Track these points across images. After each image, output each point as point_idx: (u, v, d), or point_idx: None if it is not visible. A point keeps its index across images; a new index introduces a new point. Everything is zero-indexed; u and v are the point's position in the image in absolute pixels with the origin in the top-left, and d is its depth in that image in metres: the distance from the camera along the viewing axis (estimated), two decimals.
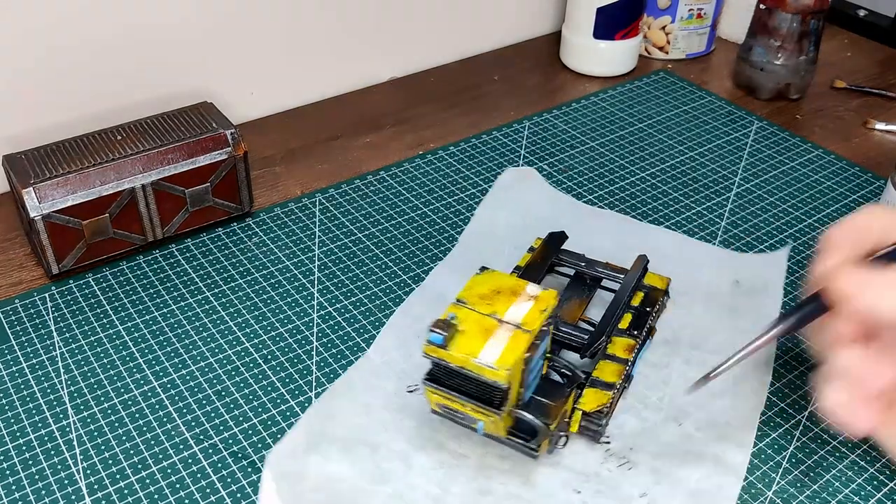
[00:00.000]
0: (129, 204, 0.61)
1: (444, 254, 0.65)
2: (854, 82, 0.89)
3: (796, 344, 0.57)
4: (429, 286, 0.61)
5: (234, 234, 0.67)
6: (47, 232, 0.59)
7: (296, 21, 0.81)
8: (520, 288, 0.48)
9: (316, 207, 0.70)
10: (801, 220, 0.70)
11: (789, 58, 0.83)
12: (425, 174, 0.74)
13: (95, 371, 0.55)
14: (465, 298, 0.47)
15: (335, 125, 0.81)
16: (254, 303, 0.60)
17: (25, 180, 0.58)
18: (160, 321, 0.59)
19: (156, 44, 0.74)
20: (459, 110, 0.84)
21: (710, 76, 0.91)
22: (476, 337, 0.45)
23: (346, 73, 0.87)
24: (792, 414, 0.53)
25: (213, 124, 0.65)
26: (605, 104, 0.85)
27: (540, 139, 0.79)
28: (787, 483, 0.49)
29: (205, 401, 0.53)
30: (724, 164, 0.76)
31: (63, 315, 0.59)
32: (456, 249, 0.65)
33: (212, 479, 0.48)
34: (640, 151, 0.78)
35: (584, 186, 0.73)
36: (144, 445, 0.50)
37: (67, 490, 0.48)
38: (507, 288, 0.48)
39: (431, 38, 0.91)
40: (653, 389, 0.53)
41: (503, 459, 0.49)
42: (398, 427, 0.51)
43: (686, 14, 0.91)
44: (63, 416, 0.52)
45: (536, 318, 0.46)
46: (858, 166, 0.76)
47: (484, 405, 0.45)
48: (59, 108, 0.71)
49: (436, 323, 0.45)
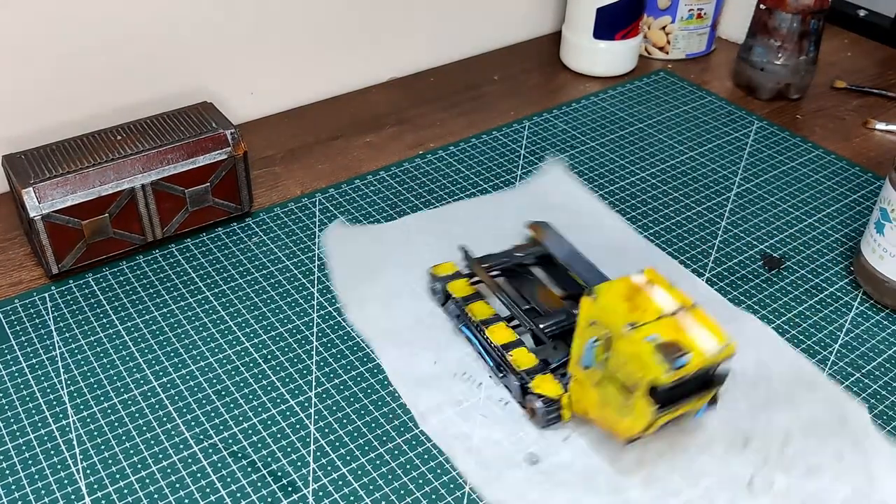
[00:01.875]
0: (129, 204, 0.61)
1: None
2: (854, 82, 0.89)
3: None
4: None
5: (234, 234, 0.67)
6: (47, 232, 0.59)
7: (296, 21, 0.81)
8: (633, 285, 0.46)
9: (316, 207, 0.70)
10: (801, 219, 0.70)
11: (789, 58, 0.83)
12: (425, 174, 0.74)
13: (95, 371, 0.55)
14: (625, 322, 0.44)
15: (335, 125, 0.81)
16: (254, 303, 0.60)
17: (25, 180, 0.58)
18: (160, 321, 0.59)
19: (156, 44, 0.74)
20: (459, 110, 0.84)
21: (710, 76, 0.91)
22: (679, 338, 0.43)
23: (346, 73, 0.87)
24: None
25: (213, 124, 0.65)
26: (605, 104, 0.85)
27: (540, 139, 0.79)
28: None
29: (205, 401, 0.53)
30: (724, 164, 0.76)
31: (63, 315, 0.59)
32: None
33: (212, 479, 0.48)
34: (640, 151, 0.78)
35: (583, 186, 0.73)
36: (144, 445, 0.50)
37: (67, 490, 0.48)
38: (630, 292, 0.46)
39: (431, 38, 0.91)
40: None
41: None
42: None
43: (686, 14, 0.91)
44: (63, 416, 0.52)
45: (677, 292, 0.46)
46: (858, 166, 0.76)
47: (705, 389, 0.46)
48: (59, 108, 0.71)
49: (668, 348, 0.43)
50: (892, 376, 0.56)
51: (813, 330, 0.59)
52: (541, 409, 0.50)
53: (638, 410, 0.44)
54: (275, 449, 0.50)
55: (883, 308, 0.61)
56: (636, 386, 0.44)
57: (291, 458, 0.50)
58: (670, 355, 0.43)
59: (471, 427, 0.51)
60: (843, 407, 0.53)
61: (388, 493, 0.48)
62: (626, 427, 0.46)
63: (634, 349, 0.43)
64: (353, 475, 0.49)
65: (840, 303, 0.61)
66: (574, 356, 0.48)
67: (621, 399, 0.45)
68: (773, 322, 0.60)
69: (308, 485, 0.48)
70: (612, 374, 0.45)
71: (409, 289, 0.61)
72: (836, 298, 0.62)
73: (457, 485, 0.48)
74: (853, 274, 0.63)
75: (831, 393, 0.54)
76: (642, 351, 0.43)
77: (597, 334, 0.46)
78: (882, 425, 0.52)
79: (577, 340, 0.48)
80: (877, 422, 0.53)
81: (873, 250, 0.60)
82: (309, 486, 0.48)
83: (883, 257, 0.59)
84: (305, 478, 0.49)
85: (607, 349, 0.45)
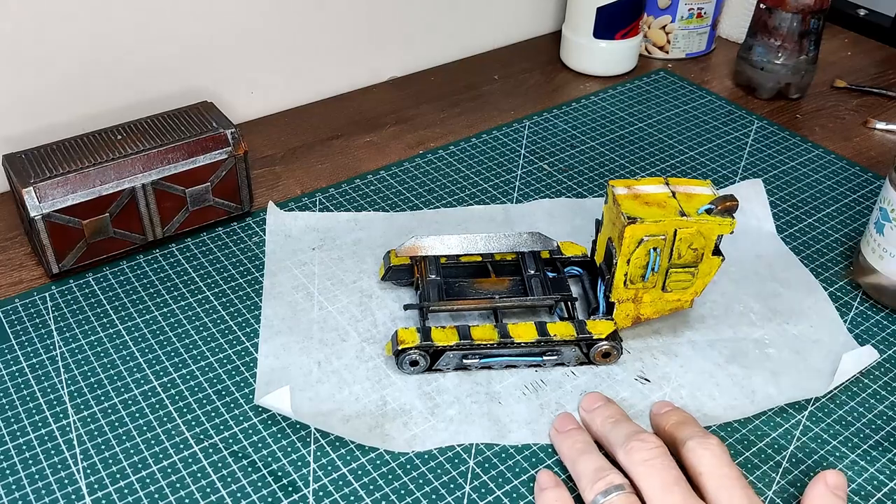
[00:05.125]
0: (130, 203, 0.61)
1: None
2: (854, 82, 0.89)
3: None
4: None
5: (235, 233, 0.67)
6: (47, 231, 0.59)
7: (296, 21, 0.81)
8: (628, 194, 0.53)
9: (316, 207, 0.70)
10: (801, 219, 0.70)
11: (789, 57, 0.83)
12: (425, 174, 0.74)
13: (95, 371, 0.55)
14: (673, 214, 0.52)
15: (335, 125, 0.81)
16: (254, 302, 0.60)
17: (25, 180, 0.58)
18: (160, 321, 0.59)
19: (156, 43, 0.74)
20: (459, 110, 0.84)
21: (710, 76, 0.91)
22: (697, 200, 0.53)
23: (346, 73, 0.87)
24: (792, 414, 0.53)
25: (213, 124, 0.65)
26: (605, 104, 0.85)
27: (540, 139, 0.79)
28: (786, 483, 0.49)
29: (205, 401, 0.53)
30: (724, 164, 0.76)
31: (63, 314, 0.59)
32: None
33: (212, 479, 0.48)
34: (640, 151, 0.78)
35: (584, 186, 0.73)
36: (144, 445, 0.50)
37: (67, 490, 0.48)
38: (637, 201, 0.53)
39: (431, 38, 0.91)
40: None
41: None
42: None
43: (686, 13, 0.91)
44: (63, 415, 0.52)
45: (643, 180, 0.55)
46: (858, 166, 0.76)
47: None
48: (59, 108, 0.71)
49: (723, 203, 0.52)
50: (893, 376, 0.56)
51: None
52: (618, 345, 0.55)
53: (704, 269, 0.54)
54: (275, 449, 0.50)
55: (883, 308, 0.61)
56: (702, 250, 0.53)
57: (291, 458, 0.50)
58: (726, 211, 0.52)
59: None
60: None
61: (389, 493, 0.48)
62: (695, 289, 0.55)
63: (699, 226, 0.52)
64: (353, 475, 0.49)
65: (840, 303, 0.61)
66: (619, 282, 0.54)
67: (687, 275, 0.54)
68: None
69: (308, 485, 0.48)
70: (675, 262, 0.53)
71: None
72: (836, 298, 0.62)
73: (457, 485, 0.48)
74: (853, 274, 0.63)
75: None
76: (709, 221, 0.52)
77: (655, 245, 0.52)
78: (882, 425, 0.53)
79: (623, 268, 0.53)
80: (877, 422, 0.53)
81: (873, 250, 0.60)
82: (309, 486, 0.48)
83: (883, 257, 0.59)
84: (305, 478, 0.49)
85: (671, 245, 0.52)
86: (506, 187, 0.72)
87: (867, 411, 0.53)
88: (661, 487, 0.44)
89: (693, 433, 0.47)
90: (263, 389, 0.53)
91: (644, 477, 0.44)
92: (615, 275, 0.54)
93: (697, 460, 0.45)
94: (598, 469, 0.46)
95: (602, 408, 0.51)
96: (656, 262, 0.53)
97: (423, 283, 0.57)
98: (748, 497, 0.43)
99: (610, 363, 0.56)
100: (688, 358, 0.56)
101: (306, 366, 0.55)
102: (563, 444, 0.49)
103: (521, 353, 0.54)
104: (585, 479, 0.46)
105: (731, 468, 0.45)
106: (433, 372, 0.54)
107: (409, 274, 0.60)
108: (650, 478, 0.44)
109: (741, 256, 0.55)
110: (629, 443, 0.46)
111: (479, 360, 0.54)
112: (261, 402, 0.50)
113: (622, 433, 0.47)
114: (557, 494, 0.46)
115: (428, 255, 0.58)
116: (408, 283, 0.61)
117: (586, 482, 0.45)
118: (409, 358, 0.53)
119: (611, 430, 0.48)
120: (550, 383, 0.54)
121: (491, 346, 0.54)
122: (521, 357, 0.54)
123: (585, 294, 0.59)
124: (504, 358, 0.54)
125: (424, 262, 0.58)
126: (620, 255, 0.53)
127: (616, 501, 0.44)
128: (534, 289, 0.57)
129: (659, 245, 0.52)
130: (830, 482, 0.45)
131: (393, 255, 0.60)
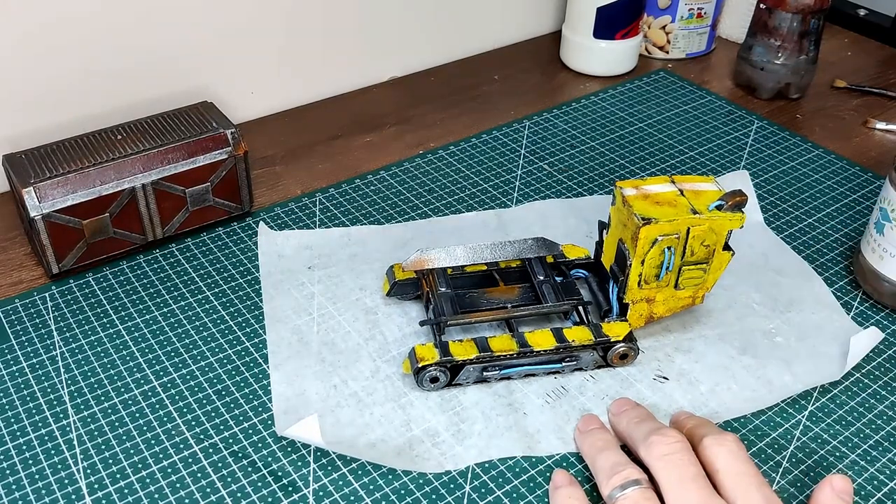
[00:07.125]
0: (130, 203, 0.61)
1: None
2: (854, 82, 0.89)
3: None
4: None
5: (235, 233, 0.67)
6: (47, 231, 0.59)
7: (296, 21, 0.81)
8: (635, 195, 0.53)
9: (316, 207, 0.70)
10: (801, 219, 0.70)
11: (789, 57, 0.83)
12: (425, 174, 0.74)
13: (95, 371, 0.55)
14: (685, 213, 0.52)
15: (335, 125, 0.81)
16: (254, 302, 0.60)
17: (25, 180, 0.58)
18: (160, 321, 0.59)
19: (156, 43, 0.74)
20: (459, 110, 0.84)
21: (710, 76, 0.91)
22: (705, 197, 0.53)
23: (346, 73, 0.87)
24: (792, 414, 0.53)
25: (213, 124, 0.65)
26: (605, 104, 0.85)
27: (540, 139, 0.79)
28: (787, 483, 0.49)
29: (205, 401, 0.53)
30: (724, 164, 0.76)
31: (63, 315, 0.59)
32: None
33: (212, 479, 0.48)
34: (640, 151, 0.78)
35: (584, 186, 0.73)
36: (144, 445, 0.50)
37: (67, 490, 0.48)
38: (648, 202, 0.53)
39: (431, 38, 0.91)
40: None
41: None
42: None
43: (686, 13, 0.91)
44: (63, 415, 0.52)
45: (648, 180, 0.55)
46: (858, 166, 0.76)
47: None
48: (59, 108, 0.71)
49: (733, 198, 0.52)
50: (893, 376, 0.56)
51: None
52: (635, 346, 0.55)
53: (716, 264, 0.54)
54: (275, 449, 0.50)
55: (883, 308, 0.61)
56: (713, 246, 0.53)
57: (291, 457, 0.50)
58: (735, 207, 0.52)
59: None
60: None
61: (388, 493, 0.48)
62: (709, 283, 0.55)
63: (711, 223, 0.52)
64: (353, 475, 0.49)
65: (840, 303, 0.61)
66: (634, 283, 0.54)
67: (699, 272, 0.54)
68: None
69: (308, 485, 0.48)
70: (688, 259, 0.53)
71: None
72: (836, 298, 0.62)
73: (457, 485, 0.48)
74: (853, 274, 0.63)
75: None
76: (720, 217, 0.52)
77: (669, 244, 0.52)
78: (882, 425, 0.53)
79: (638, 269, 0.53)
80: (877, 422, 0.53)
81: (873, 250, 0.60)
82: (309, 486, 0.48)
83: (883, 257, 0.59)
84: (305, 478, 0.49)
85: (685, 243, 0.53)
86: (506, 187, 0.72)
87: (867, 411, 0.53)
88: (679, 482, 0.43)
89: (710, 431, 0.47)
90: (283, 419, 0.51)
91: (662, 471, 0.44)
92: (629, 276, 0.53)
93: (714, 457, 0.45)
94: (615, 464, 0.46)
95: (629, 410, 0.51)
96: (671, 261, 0.53)
97: (434, 297, 0.56)
98: (765, 495, 0.43)
99: (627, 364, 0.56)
100: (701, 353, 0.57)
101: (322, 391, 0.53)
102: (584, 443, 0.49)
103: (540, 362, 0.54)
104: (602, 474, 0.46)
105: (747, 465, 0.44)
106: (452, 387, 0.54)
107: (415, 288, 0.59)
108: (668, 472, 0.44)
109: (735, 248, 0.55)
110: (650, 437, 0.46)
111: (499, 371, 0.53)
112: (286, 433, 0.48)
113: (645, 430, 0.47)
114: (571, 492, 0.46)
115: (435, 268, 0.57)
116: (413, 297, 0.60)
117: (603, 477, 0.46)
118: (430, 375, 0.52)
119: (635, 429, 0.48)
120: (571, 390, 0.54)
121: (510, 357, 0.53)
122: (540, 365, 0.54)
123: (594, 296, 0.59)
124: (523, 367, 0.54)
125: (432, 276, 0.57)
126: (635, 257, 0.52)
127: (632, 496, 0.43)
128: (546, 295, 0.56)
129: (673, 244, 0.52)
130: (837, 486, 0.45)
131: (398, 270, 0.59)
